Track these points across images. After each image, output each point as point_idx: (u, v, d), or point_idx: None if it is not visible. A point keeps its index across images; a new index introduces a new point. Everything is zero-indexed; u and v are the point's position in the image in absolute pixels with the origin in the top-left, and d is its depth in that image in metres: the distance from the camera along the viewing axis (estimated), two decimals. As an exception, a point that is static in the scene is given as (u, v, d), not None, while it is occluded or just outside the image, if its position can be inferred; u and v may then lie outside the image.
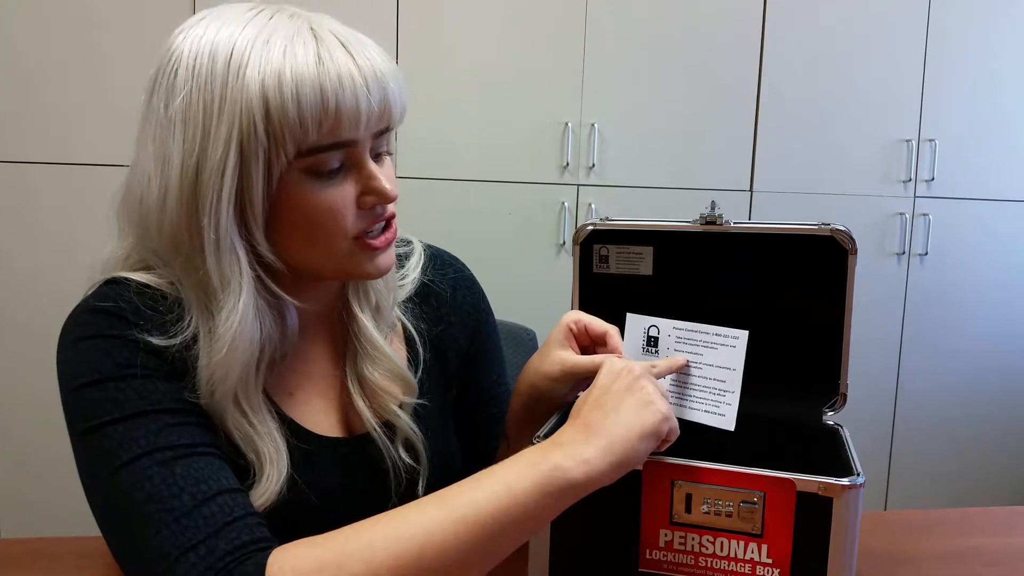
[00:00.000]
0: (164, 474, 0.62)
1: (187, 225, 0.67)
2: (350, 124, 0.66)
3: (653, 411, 0.66)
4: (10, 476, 2.07)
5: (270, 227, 0.69)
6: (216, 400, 0.67)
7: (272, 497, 0.69)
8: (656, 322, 0.78)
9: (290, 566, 0.58)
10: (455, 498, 0.61)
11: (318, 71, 0.64)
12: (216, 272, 0.67)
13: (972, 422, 2.57)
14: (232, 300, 0.67)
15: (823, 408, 0.83)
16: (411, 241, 0.92)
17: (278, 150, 0.65)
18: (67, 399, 0.67)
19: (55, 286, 1.98)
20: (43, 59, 1.98)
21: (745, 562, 0.68)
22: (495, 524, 0.60)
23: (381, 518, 0.61)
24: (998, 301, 2.53)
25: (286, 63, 0.64)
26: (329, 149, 0.67)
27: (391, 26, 2.12)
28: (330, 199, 0.69)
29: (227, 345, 0.66)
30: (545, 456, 0.63)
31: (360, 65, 0.67)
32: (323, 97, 0.64)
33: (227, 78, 0.64)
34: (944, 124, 2.43)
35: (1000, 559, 0.91)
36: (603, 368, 0.71)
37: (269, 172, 0.66)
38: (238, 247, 0.67)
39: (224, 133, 0.64)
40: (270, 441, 0.71)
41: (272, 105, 0.64)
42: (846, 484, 0.65)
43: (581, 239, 0.87)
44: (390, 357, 0.81)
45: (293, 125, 0.64)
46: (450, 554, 0.59)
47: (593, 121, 2.25)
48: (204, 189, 0.65)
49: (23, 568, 0.85)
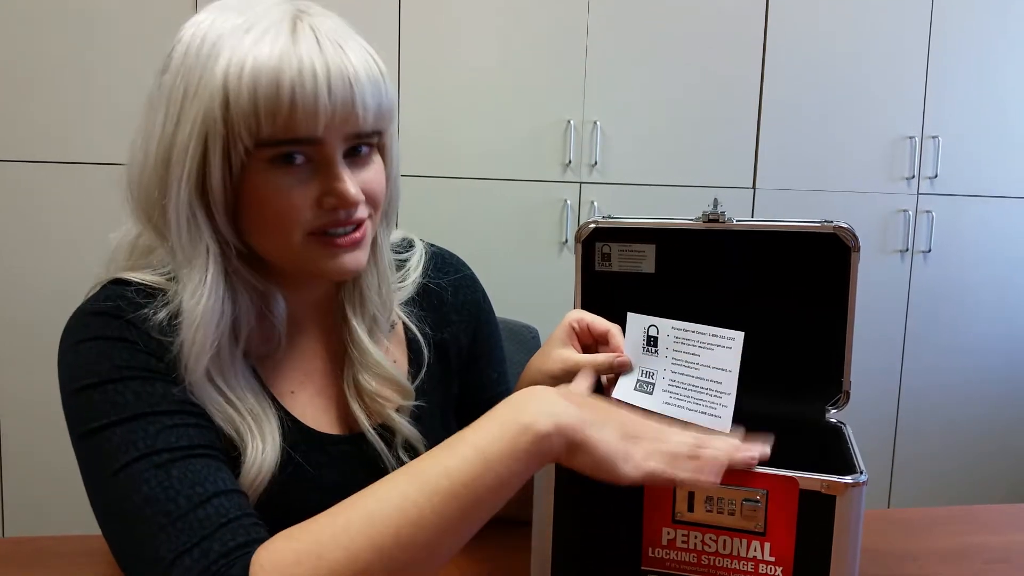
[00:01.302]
0: (161, 477, 0.62)
1: (158, 199, 0.68)
2: (307, 121, 0.65)
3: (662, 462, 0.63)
4: (14, 475, 2.08)
5: (236, 212, 0.69)
6: (193, 380, 0.68)
7: (264, 478, 0.69)
8: (656, 322, 0.78)
9: (269, 562, 0.57)
10: (427, 470, 0.60)
11: (280, 63, 0.64)
12: (179, 247, 0.68)
13: (975, 419, 2.57)
14: (197, 276, 0.68)
15: (826, 406, 0.82)
16: (413, 241, 0.92)
17: (235, 139, 0.65)
18: (68, 401, 0.68)
19: (57, 285, 1.98)
20: (44, 58, 1.98)
21: (748, 560, 0.68)
22: (469, 493, 0.58)
23: (356, 500, 0.60)
24: (1002, 298, 2.53)
25: (250, 52, 0.64)
26: (288, 144, 0.66)
27: (393, 24, 2.12)
28: (288, 192, 0.68)
29: (195, 319, 0.67)
30: (518, 414, 0.61)
31: (329, 62, 0.65)
32: (279, 90, 0.64)
33: (203, 63, 0.65)
34: (947, 121, 2.42)
35: (1003, 556, 0.91)
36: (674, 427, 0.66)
37: (228, 159, 0.66)
38: (202, 226, 0.68)
39: (190, 116, 0.65)
40: (251, 418, 0.71)
41: (231, 93, 0.64)
42: (849, 482, 0.65)
43: (583, 237, 0.87)
44: (382, 364, 0.81)
45: (247, 115, 0.64)
46: (427, 529, 0.58)
47: (595, 119, 2.25)
48: (172, 168, 0.67)
49: (27, 567, 0.85)
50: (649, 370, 0.78)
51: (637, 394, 0.78)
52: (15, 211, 2.01)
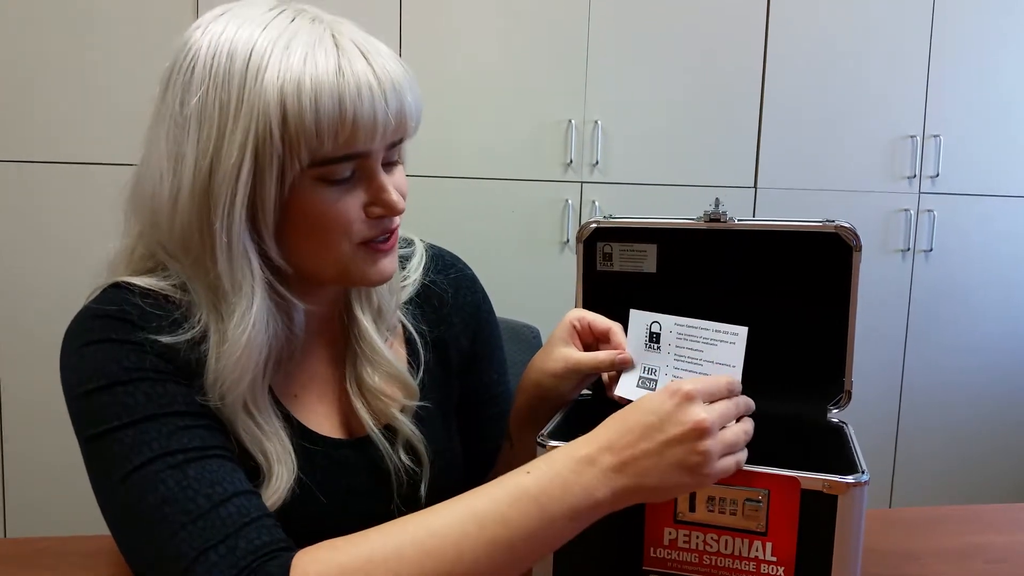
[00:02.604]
0: (177, 477, 0.62)
1: (198, 227, 0.66)
2: (366, 135, 0.66)
3: (697, 477, 0.62)
4: (17, 476, 2.08)
5: (280, 231, 0.68)
6: (227, 404, 0.67)
7: (282, 497, 0.69)
8: (658, 318, 0.78)
9: (315, 570, 0.58)
10: (488, 515, 0.60)
11: (338, 81, 0.63)
12: (228, 275, 0.66)
13: (977, 419, 2.56)
14: (245, 303, 0.67)
15: (828, 405, 0.82)
16: (412, 241, 0.92)
17: (292, 158, 0.64)
18: (75, 405, 0.67)
19: (59, 285, 1.98)
20: (44, 58, 1.98)
21: (750, 560, 0.68)
22: (524, 547, 0.60)
23: (410, 528, 0.61)
24: (1003, 297, 2.53)
25: (306, 70, 0.63)
26: (343, 160, 0.66)
27: (394, 23, 2.12)
28: (339, 206, 0.68)
29: (240, 348, 0.66)
30: (579, 477, 0.61)
31: (379, 77, 0.66)
32: (341, 107, 0.63)
33: (245, 80, 0.63)
34: (949, 120, 2.42)
35: (1005, 556, 0.91)
36: (668, 396, 0.63)
37: (283, 178, 0.65)
38: (250, 251, 0.67)
39: (240, 137, 0.63)
40: (278, 441, 0.71)
41: (290, 112, 0.63)
42: (851, 482, 0.65)
43: (585, 237, 0.86)
44: (390, 361, 0.80)
45: (310, 134, 0.63)
46: (479, 573, 0.59)
47: (596, 118, 2.25)
48: (217, 192, 0.64)
49: (30, 567, 0.85)
50: (651, 367, 0.78)
51: (640, 391, 0.77)
52: (15, 211, 2.01)
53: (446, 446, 0.88)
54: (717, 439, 0.62)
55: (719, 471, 0.63)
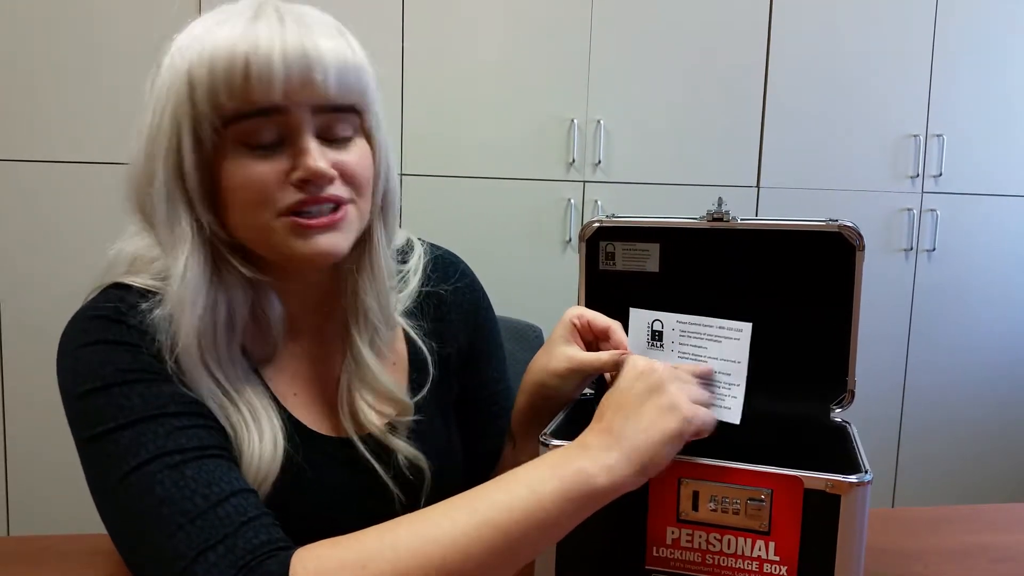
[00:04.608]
0: (175, 477, 0.62)
1: (144, 188, 0.70)
2: (262, 86, 0.65)
3: (676, 416, 0.65)
4: (19, 474, 2.08)
5: (213, 198, 0.70)
6: (185, 370, 0.68)
7: (266, 477, 0.70)
8: (660, 316, 0.78)
9: (313, 566, 0.58)
10: (480, 501, 0.61)
11: (237, 39, 0.65)
12: (163, 234, 0.69)
13: (980, 418, 2.56)
14: (180, 263, 0.68)
15: (831, 405, 0.82)
16: (414, 245, 0.91)
17: (200, 118, 0.66)
18: (71, 406, 0.67)
19: (60, 285, 1.98)
20: (44, 58, 1.99)
21: (752, 559, 0.67)
22: (518, 529, 0.60)
23: (404, 520, 0.61)
24: (1006, 297, 2.52)
25: (219, 33, 0.66)
26: (252, 116, 0.66)
27: (397, 23, 2.12)
28: (258, 170, 0.68)
29: (175, 306, 0.67)
30: (569, 460, 0.63)
31: (287, 34, 0.66)
32: (233, 60, 0.65)
33: (180, 59, 0.67)
34: (952, 119, 2.41)
35: (1008, 556, 0.90)
36: (625, 367, 0.70)
37: (199, 137, 0.67)
38: (180, 211, 0.69)
39: (163, 103, 0.67)
40: (249, 412, 0.71)
41: (193, 71, 0.66)
42: (854, 481, 0.64)
43: (587, 236, 0.86)
44: (379, 380, 0.80)
45: (209, 91, 0.65)
46: (473, 558, 0.59)
47: (599, 117, 2.24)
48: (151, 156, 0.68)
49: (32, 565, 0.85)
50: None
51: None
52: (16, 211, 2.02)
53: (446, 445, 0.88)
54: (679, 385, 0.68)
55: (696, 412, 0.66)
